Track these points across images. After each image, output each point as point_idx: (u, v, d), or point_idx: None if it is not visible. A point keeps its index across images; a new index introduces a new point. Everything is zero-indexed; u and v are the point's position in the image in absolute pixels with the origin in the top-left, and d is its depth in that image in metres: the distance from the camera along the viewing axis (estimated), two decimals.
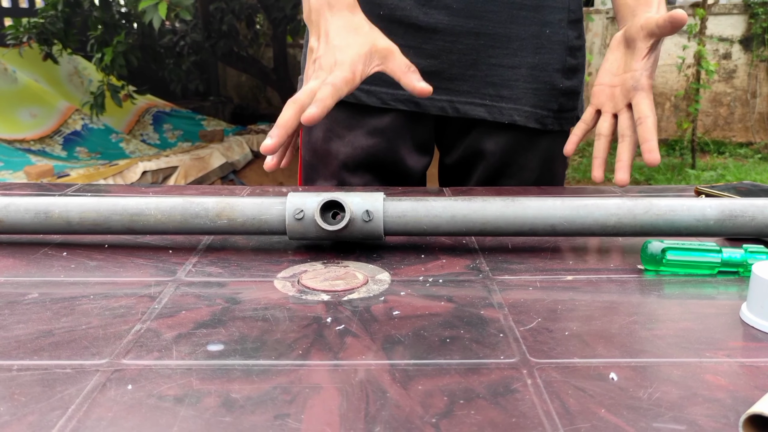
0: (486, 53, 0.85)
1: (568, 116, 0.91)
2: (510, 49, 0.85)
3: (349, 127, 0.88)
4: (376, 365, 0.38)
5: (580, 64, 0.91)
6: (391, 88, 0.86)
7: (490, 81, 0.86)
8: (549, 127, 0.89)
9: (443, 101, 0.87)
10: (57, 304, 0.47)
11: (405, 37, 0.83)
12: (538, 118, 0.88)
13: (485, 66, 0.85)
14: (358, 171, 0.90)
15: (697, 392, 0.35)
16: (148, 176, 3.65)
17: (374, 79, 0.85)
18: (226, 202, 0.58)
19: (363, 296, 0.49)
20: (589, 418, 0.33)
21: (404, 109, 0.86)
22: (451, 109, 0.87)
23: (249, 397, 0.35)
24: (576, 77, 0.90)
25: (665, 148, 5.25)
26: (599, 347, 0.40)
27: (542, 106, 0.88)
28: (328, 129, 0.89)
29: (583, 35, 0.92)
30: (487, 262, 0.56)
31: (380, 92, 0.86)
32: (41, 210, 0.58)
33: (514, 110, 0.87)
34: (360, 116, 0.88)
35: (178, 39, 4.61)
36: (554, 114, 0.89)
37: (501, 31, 0.84)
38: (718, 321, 0.44)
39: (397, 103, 0.86)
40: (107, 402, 0.34)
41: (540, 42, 0.86)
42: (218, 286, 0.50)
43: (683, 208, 0.56)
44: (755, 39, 5.15)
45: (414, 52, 0.83)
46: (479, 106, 0.87)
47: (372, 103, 0.86)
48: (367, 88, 0.86)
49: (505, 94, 0.87)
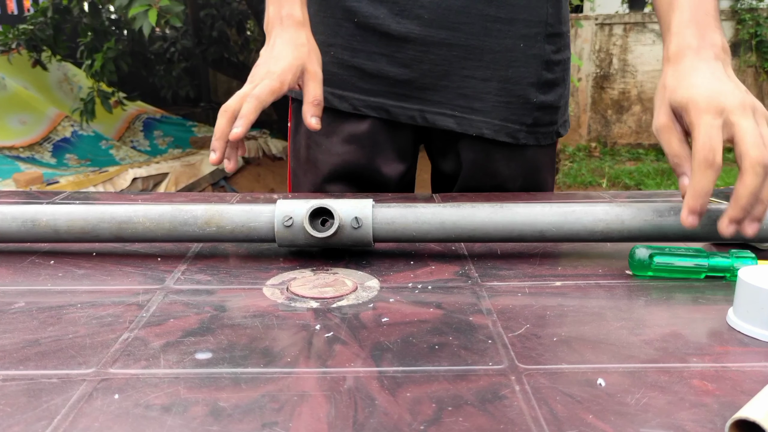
0: (458, 65, 0.85)
1: (545, 131, 0.90)
2: (483, 61, 0.85)
3: (326, 134, 0.89)
4: (365, 372, 0.38)
5: (559, 78, 0.90)
6: (363, 94, 0.86)
7: (461, 93, 0.86)
8: (522, 142, 0.88)
9: (413, 110, 0.87)
10: (44, 313, 0.46)
11: (379, 45, 0.84)
12: (509, 132, 0.88)
13: (457, 77, 0.85)
14: (335, 180, 0.90)
15: (684, 397, 0.35)
16: (138, 183, 3.64)
17: (348, 85, 0.86)
18: (215, 210, 0.58)
19: (352, 303, 0.49)
20: (577, 424, 0.33)
21: (375, 116, 0.87)
22: (421, 119, 0.87)
23: (237, 405, 0.35)
24: (554, 92, 0.89)
25: (655, 152, 5.28)
26: (587, 353, 0.41)
27: (514, 120, 0.87)
28: (308, 137, 0.90)
29: (565, 49, 0.91)
30: (476, 268, 0.56)
31: (352, 98, 0.87)
32: (28, 218, 0.57)
33: (483, 123, 0.87)
34: (337, 123, 0.88)
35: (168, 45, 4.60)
36: (528, 128, 0.88)
37: (474, 43, 0.84)
38: (705, 326, 0.45)
39: (368, 110, 0.87)
40: (93, 412, 0.34)
41: (514, 55, 0.85)
42: (207, 294, 0.50)
43: (671, 214, 0.56)
44: (742, 45, 5.20)
45: (387, 60, 0.84)
46: (449, 117, 0.87)
47: (344, 108, 0.87)
48: (340, 93, 0.87)
49: (476, 107, 0.86)
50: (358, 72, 0.86)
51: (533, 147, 0.90)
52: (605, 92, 5.46)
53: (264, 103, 0.70)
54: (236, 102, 0.68)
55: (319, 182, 0.91)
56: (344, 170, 0.89)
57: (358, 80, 0.86)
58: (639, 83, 5.41)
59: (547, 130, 0.90)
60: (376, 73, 0.85)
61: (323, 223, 0.57)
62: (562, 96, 0.92)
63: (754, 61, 5.23)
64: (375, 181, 0.90)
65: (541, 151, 0.92)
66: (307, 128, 0.88)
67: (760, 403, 0.31)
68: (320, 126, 0.75)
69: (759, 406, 0.30)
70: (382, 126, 0.88)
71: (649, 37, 5.30)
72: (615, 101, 5.47)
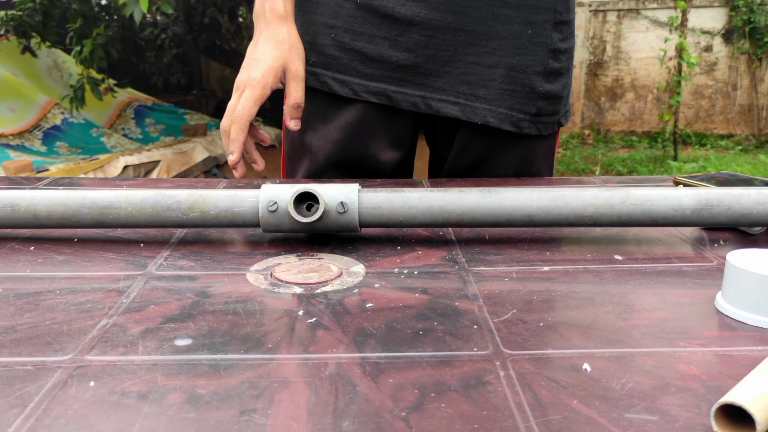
0: (463, 50, 0.82)
1: (548, 121, 0.88)
2: (489, 47, 0.82)
3: (323, 120, 0.87)
4: (347, 358, 0.37)
5: (564, 67, 0.87)
6: (364, 79, 0.84)
7: (465, 79, 0.83)
8: (525, 131, 0.86)
9: (416, 96, 0.84)
10: (21, 300, 0.45)
11: (381, 27, 0.82)
12: (513, 120, 0.85)
13: (462, 63, 0.83)
14: (330, 167, 0.88)
15: (671, 382, 0.35)
16: (129, 171, 3.62)
17: (348, 70, 0.84)
18: (199, 195, 0.57)
19: (336, 289, 0.48)
20: (561, 409, 0.32)
21: (376, 101, 0.85)
22: (424, 105, 0.85)
23: (215, 392, 0.34)
24: (558, 81, 0.87)
25: (647, 140, 5.28)
26: (574, 338, 0.40)
27: (519, 109, 0.85)
28: (305, 122, 0.88)
29: (572, 38, 0.88)
30: (463, 253, 0.56)
31: (353, 83, 0.84)
32: (7, 204, 0.56)
33: (488, 111, 0.84)
34: (334, 108, 0.86)
35: (159, 32, 4.56)
36: (531, 117, 0.86)
37: (480, 29, 0.81)
38: (693, 310, 0.44)
39: (369, 95, 0.84)
40: (68, 399, 0.33)
41: (521, 42, 0.83)
42: (189, 280, 0.49)
43: (660, 198, 0.56)
44: (736, 31, 5.19)
45: (389, 44, 0.82)
46: (453, 104, 0.84)
47: (344, 93, 0.85)
48: (341, 77, 0.85)
49: (480, 94, 0.84)
50: (360, 56, 0.83)
51: (533, 137, 0.89)
52: (599, 79, 5.45)
53: (250, 117, 0.77)
54: (228, 121, 0.77)
55: (313, 169, 0.89)
56: (340, 157, 0.88)
57: (359, 64, 0.84)
58: (632, 70, 5.40)
59: (549, 120, 0.88)
60: (378, 57, 0.83)
61: (309, 208, 0.56)
62: (566, 85, 0.90)
63: (747, 48, 5.23)
64: (371, 168, 0.89)
65: (540, 141, 0.90)
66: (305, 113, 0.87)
67: (746, 387, 0.30)
68: (299, 127, 0.80)
69: (745, 391, 0.30)
70: (380, 112, 0.86)
71: (643, 23, 5.29)
72: (608, 88, 5.47)
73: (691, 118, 5.40)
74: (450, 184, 0.80)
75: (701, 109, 5.41)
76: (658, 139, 5.23)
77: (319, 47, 0.84)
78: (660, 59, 4.55)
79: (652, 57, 5.22)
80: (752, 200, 0.55)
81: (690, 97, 5.34)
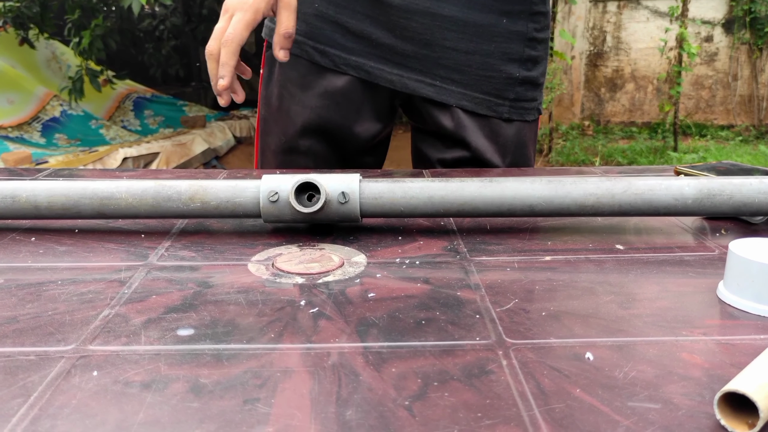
0: (441, 35, 0.84)
1: (528, 106, 0.90)
2: (466, 34, 0.84)
3: (302, 87, 0.88)
4: (350, 348, 0.37)
5: (540, 56, 0.90)
6: (344, 52, 0.86)
7: (442, 63, 0.85)
8: (504, 116, 0.88)
9: (393, 74, 0.86)
10: (23, 290, 0.45)
11: (364, 5, 0.84)
12: (491, 105, 0.87)
13: (439, 48, 0.84)
14: (307, 133, 0.90)
15: (673, 371, 0.35)
16: (129, 163, 3.61)
17: (330, 41, 0.85)
18: (199, 185, 0.57)
19: (338, 279, 0.48)
20: (564, 398, 0.32)
21: (354, 75, 0.86)
22: (400, 84, 0.86)
23: (218, 382, 0.34)
24: (536, 68, 0.89)
25: (647, 131, 5.27)
26: (576, 327, 0.40)
27: (496, 95, 0.87)
28: (282, 86, 0.89)
29: (546, 29, 0.90)
30: (464, 243, 0.56)
31: (333, 54, 0.86)
32: (7, 194, 0.56)
33: (462, 95, 0.86)
34: (314, 76, 0.88)
35: (157, 23, 4.54)
36: (511, 103, 0.88)
37: (458, 15, 0.83)
38: (695, 299, 0.44)
39: (348, 68, 0.86)
40: (71, 389, 0.33)
41: (497, 30, 0.85)
42: (191, 270, 0.49)
43: (662, 188, 0.55)
44: (737, 22, 5.18)
45: (371, 22, 0.84)
46: (429, 86, 0.86)
47: (324, 63, 0.86)
48: (322, 48, 0.86)
49: (455, 78, 0.86)
50: (341, 29, 0.85)
51: (517, 122, 0.90)
52: (599, 70, 5.44)
53: (241, 41, 0.72)
54: (216, 45, 0.72)
55: (290, 133, 0.90)
56: (317, 125, 0.89)
57: (341, 37, 0.85)
58: (633, 61, 5.38)
59: (529, 106, 0.90)
60: (359, 32, 0.84)
61: (309, 199, 0.56)
62: (543, 73, 0.92)
63: (748, 38, 5.21)
64: (347, 138, 0.90)
65: (525, 127, 0.91)
66: (283, 78, 0.88)
67: (749, 375, 0.30)
68: (288, 58, 0.75)
69: (749, 379, 0.30)
70: (359, 85, 0.87)
71: (643, 14, 5.27)
72: (608, 79, 5.45)
73: (691, 108, 5.39)
74: (451, 175, 0.80)
75: (701, 99, 5.40)
76: (658, 130, 5.22)
77: (302, 16, 0.86)
78: (660, 50, 4.54)
79: (652, 47, 5.20)
80: (754, 189, 0.55)
81: (690, 87, 5.33)
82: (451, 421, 0.31)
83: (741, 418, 0.30)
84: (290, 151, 0.91)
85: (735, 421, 0.30)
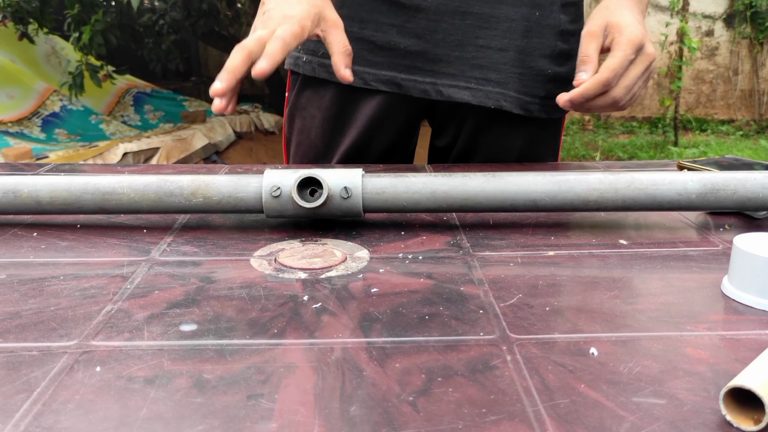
0: (473, 34, 0.81)
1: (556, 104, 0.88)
2: (498, 30, 0.81)
3: (338, 116, 0.87)
4: (353, 343, 0.37)
5: (573, 49, 0.84)
6: (373, 68, 0.83)
7: (476, 63, 0.82)
8: (534, 114, 0.85)
9: (426, 83, 0.83)
10: (25, 286, 0.45)
11: (388, 15, 0.81)
12: (522, 104, 0.85)
13: (472, 47, 0.82)
14: (348, 158, 0.89)
15: (678, 366, 0.35)
16: (129, 158, 3.61)
17: (357, 59, 0.82)
18: (201, 180, 0.56)
19: (341, 274, 0.48)
20: (569, 393, 0.32)
21: (386, 90, 0.84)
22: (434, 92, 0.84)
23: (221, 377, 0.34)
24: (567, 64, 0.86)
25: (648, 125, 5.27)
26: (580, 322, 0.40)
27: (528, 92, 0.84)
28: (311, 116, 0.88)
29: (579, 19, 0.87)
30: (467, 238, 0.55)
31: (362, 72, 0.83)
32: (9, 189, 0.56)
33: (501, 95, 0.83)
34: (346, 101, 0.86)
35: (157, 18, 4.52)
36: (540, 101, 0.85)
37: (488, 11, 0.81)
38: (699, 295, 0.44)
39: (379, 84, 0.84)
40: (74, 384, 0.33)
41: (529, 24, 0.82)
42: (193, 266, 0.49)
43: (665, 182, 0.55)
44: (737, 16, 5.16)
45: (397, 31, 0.81)
46: (464, 90, 0.83)
47: (355, 84, 0.83)
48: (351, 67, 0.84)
49: (492, 78, 0.83)
50: (368, 44, 0.82)
51: (538, 121, 0.88)
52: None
53: (289, 46, 0.63)
54: (255, 42, 0.62)
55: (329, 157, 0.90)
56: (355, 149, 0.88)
57: (368, 53, 0.83)
58: None
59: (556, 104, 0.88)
60: (386, 45, 0.82)
61: (312, 194, 0.56)
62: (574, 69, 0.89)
63: (749, 32, 5.19)
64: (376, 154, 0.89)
65: (545, 126, 0.89)
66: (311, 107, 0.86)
67: (755, 371, 0.30)
68: (353, 78, 0.70)
69: (754, 375, 0.30)
70: (392, 104, 0.85)
71: None
72: None
73: (691, 103, 5.38)
74: (454, 169, 0.80)
75: (702, 94, 5.39)
76: (658, 124, 5.21)
77: None
78: (661, 44, 4.52)
79: (653, 42, 5.19)
80: (758, 184, 0.55)
81: (691, 82, 5.32)
82: (456, 416, 0.30)
83: (747, 413, 0.30)
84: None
85: (741, 417, 0.29)
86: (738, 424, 0.29)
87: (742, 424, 0.29)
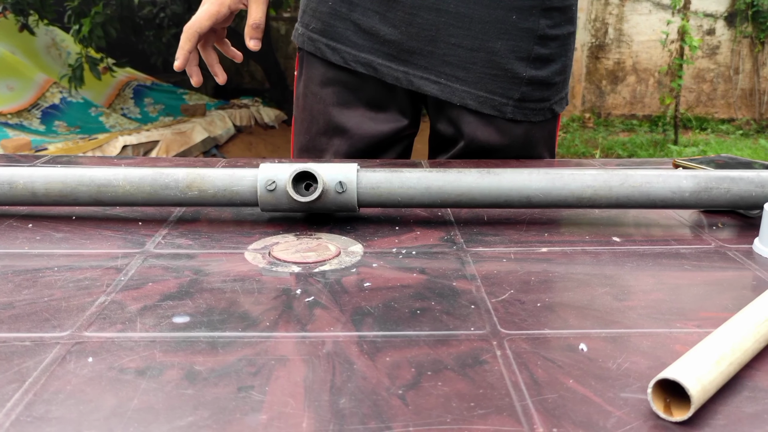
0: (446, 31, 0.83)
1: (536, 107, 0.87)
2: (471, 30, 0.83)
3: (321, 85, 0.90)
4: (344, 337, 0.38)
5: (555, 54, 0.86)
6: (354, 49, 0.87)
7: (447, 60, 0.84)
8: (508, 116, 0.86)
9: (399, 72, 0.86)
10: (19, 276, 0.45)
11: (374, 2, 0.84)
12: (495, 105, 0.85)
13: (444, 44, 0.84)
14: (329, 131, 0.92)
15: (666, 362, 0.35)
16: (128, 151, 3.61)
17: (342, 38, 0.87)
18: (197, 173, 0.57)
19: (334, 268, 0.48)
20: (557, 388, 0.33)
21: (363, 71, 0.87)
22: (406, 81, 0.86)
23: (213, 369, 0.34)
24: (547, 68, 0.86)
25: (648, 124, 5.26)
26: (571, 318, 0.40)
27: (501, 93, 0.85)
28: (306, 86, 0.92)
29: (566, 24, 0.86)
30: (461, 234, 0.56)
31: (344, 51, 0.87)
32: (5, 181, 0.56)
33: (466, 93, 0.85)
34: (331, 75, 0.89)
35: (158, 11, 4.52)
36: (515, 103, 0.86)
37: (463, 11, 0.82)
38: (690, 292, 0.44)
39: (357, 65, 0.87)
40: (66, 375, 0.33)
41: (505, 27, 0.83)
42: (187, 258, 0.49)
43: (659, 180, 0.55)
44: (739, 15, 5.15)
45: (379, 18, 0.84)
46: (434, 84, 0.86)
47: (335, 60, 0.88)
48: (334, 45, 0.88)
49: (460, 76, 0.85)
50: (353, 26, 0.86)
51: (525, 122, 0.88)
52: (600, 62, 5.42)
53: (200, 29, 0.83)
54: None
55: (313, 132, 0.92)
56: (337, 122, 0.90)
57: (352, 34, 0.86)
58: (634, 53, 5.36)
59: (538, 106, 0.88)
60: (369, 29, 0.85)
61: (307, 188, 0.56)
62: (560, 72, 0.88)
63: (750, 31, 5.19)
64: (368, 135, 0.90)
65: (538, 127, 0.89)
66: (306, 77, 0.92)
67: (684, 364, 0.31)
68: (259, 47, 0.84)
69: (683, 367, 0.30)
70: (376, 82, 0.88)
71: (645, 6, 5.25)
72: (610, 71, 5.43)
73: (692, 102, 5.38)
74: (449, 165, 0.80)
75: (702, 93, 5.39)
76: (658, 123, 5.21)
77: (318, 14, 0.88)
78: (662, 42, 4.52)
79: (654, 40, 5.18)
80: (751, 183, 0.55)
81: (691, 80, 5.32)
82: (444, 410, 0.31)
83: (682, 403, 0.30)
84: (314, 150, 0.93)
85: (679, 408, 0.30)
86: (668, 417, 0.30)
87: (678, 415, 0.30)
